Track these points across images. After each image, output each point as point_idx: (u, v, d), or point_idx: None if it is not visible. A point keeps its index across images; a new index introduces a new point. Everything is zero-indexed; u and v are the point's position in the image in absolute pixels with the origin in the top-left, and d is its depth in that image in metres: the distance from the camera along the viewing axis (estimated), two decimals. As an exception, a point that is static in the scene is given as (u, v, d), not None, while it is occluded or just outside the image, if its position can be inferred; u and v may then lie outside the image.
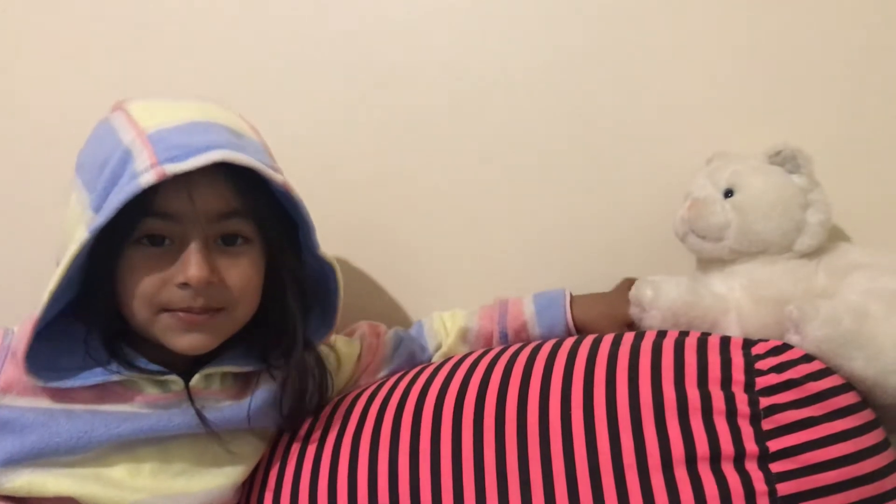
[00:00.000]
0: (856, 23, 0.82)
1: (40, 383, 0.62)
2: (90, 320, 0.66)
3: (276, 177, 0.65)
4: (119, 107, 0.67)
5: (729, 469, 0.57)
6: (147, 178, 0.59)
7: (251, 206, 0.66)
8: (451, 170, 0.90)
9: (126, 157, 0.61)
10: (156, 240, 0.64)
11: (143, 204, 0.61)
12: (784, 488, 0.56)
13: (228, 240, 0.66)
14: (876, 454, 0.59)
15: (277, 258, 0.70)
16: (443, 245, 0.90)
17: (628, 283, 0.78)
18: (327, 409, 0.73)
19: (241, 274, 0.66)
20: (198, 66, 0.95)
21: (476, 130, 0.89)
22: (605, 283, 0.83)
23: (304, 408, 0.71)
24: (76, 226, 0.62)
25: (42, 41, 0.98)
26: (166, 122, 0.63)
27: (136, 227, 0.63)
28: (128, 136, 0.63)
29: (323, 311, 0.74)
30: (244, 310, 0.68)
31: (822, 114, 0.82)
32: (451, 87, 0.90)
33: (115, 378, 0.64)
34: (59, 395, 0.63)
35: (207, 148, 0.61)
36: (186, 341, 0.65)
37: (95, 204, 0.61)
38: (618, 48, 0.87)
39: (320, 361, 0.74)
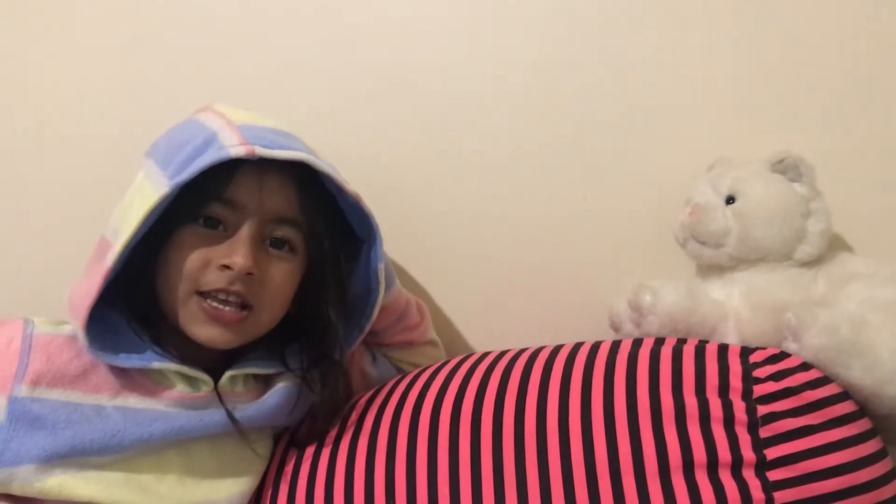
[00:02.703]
0: (859, 31, 0.82)
1: (95, 356, 0.63)
2: (127, 307, 0.67)
3: (349, 187, 0.68)
4: (206, 107, 0.70)
5: (726, 476, 0.57)
6: (237, 151, 0.62)
7: (309, 220, 0.69)
8: (449, 174, 0.90)
9: (211, 138, 0.64)
10: (212, 223, 0.66)
11: (214, 189, 0.64)
12: (781, 496, 0.56)
13: (276, 243, 0.68)
14: (873, 463, 0.59)
15: (325, 273, 0.71)
16: (441, 248, 0.91)
17: None
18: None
19: (280, 279, 0.67)
20: (196, 68, 0.95)
21: (474, 135, 0.90)
22: (605, 288, 0.83)
23: (336, 417, 0.71)
24: (143, 196, 0.63)
25: (43, 43, 0.98)
26: (253, 122, 0.67)
27: (200, 209, 0.65)
28: (215, 124, 0.66)
29: (352, 324, 0.74)
30: (270, 315, 0.68)
31: (823, 122, 0.82)
32: (448, 92, 0.90)
33: (156, 365, 0.64)
34: (88, 386, 0.63)
35: (292, 148, 0.64)
36: (206, 332, 0.65)
37: (172, 173, 0.63)
38: (618, 52, 0.87)
39: (345, 372, 0.74)
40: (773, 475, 0.57)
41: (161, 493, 0.63)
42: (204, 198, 0.64)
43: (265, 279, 0.66)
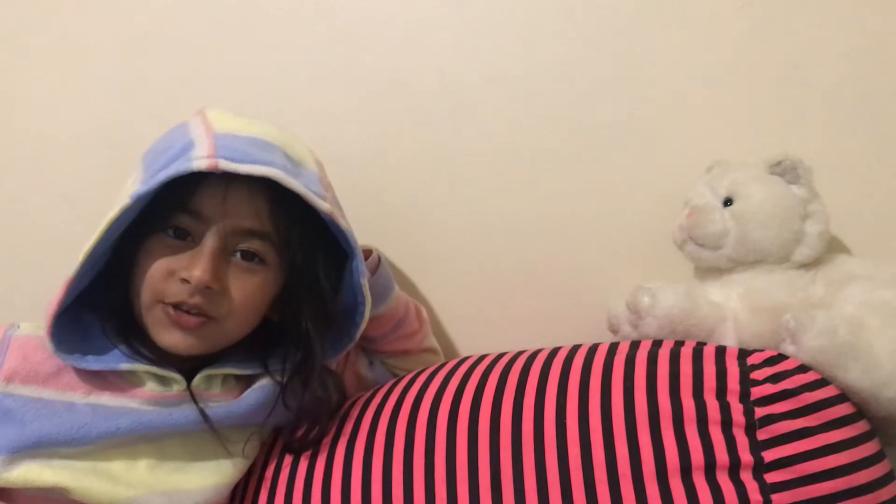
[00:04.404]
0: (857, 33, 0.82)
1: (61, 359, 0.64)
2: (102, 311, 0.68)
3: (322, 204, 0.67)
4: (200, 111, 0.70)
5: (724, 479, 0.57)
6: (199, 164, 0.62)
7: (281, 234, 0.68)
8: (446, 177, 0.90)
9: (188, 146, 0.64)
10: (180, 233, 0.66)
11: (180, 199, 0.65)
12: (779, 499, 0.56)
13: (246, 255, 0.68)
14: (871, 465, 0.59)
15: (299, 285, 0.71)
16: (438, 251, 0.91)
17: None
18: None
19: (245, 292, 0.67)
20: (196, 71, 0.95)
21: (473, 137, 0.90)
22: (603, 290, 0.83)
23: (319, 424, 0.72)
24: (119, 202, 0.64)
25: (43, 46, 0.98)
26: (235, 130, 0.67)
27: (167, 219, 0.65)
28: (196, 132, 0.66)
29: (341, 333, 0.74)
30: (236, 325, 0.68)
31: (821, 124, 0.82)
32: (448, 94, 0.90)
33: (124, 366, 0.65)
34: (61, 384, 0.64)
35: (263, 163, 0.64)
36: (170, 338, 0.66)
37: (144, 179, 0.64)
38: (616, 54, 0.87)
39: (336, 377, 0.75)
40: (771, 477, 0.57)
41: (131, 481, 0.63)
42: (170, 208, 0.65)
43: (227, 291, 0.66)
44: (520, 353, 0.71)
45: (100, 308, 0.68)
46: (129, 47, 0.96)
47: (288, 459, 0.71)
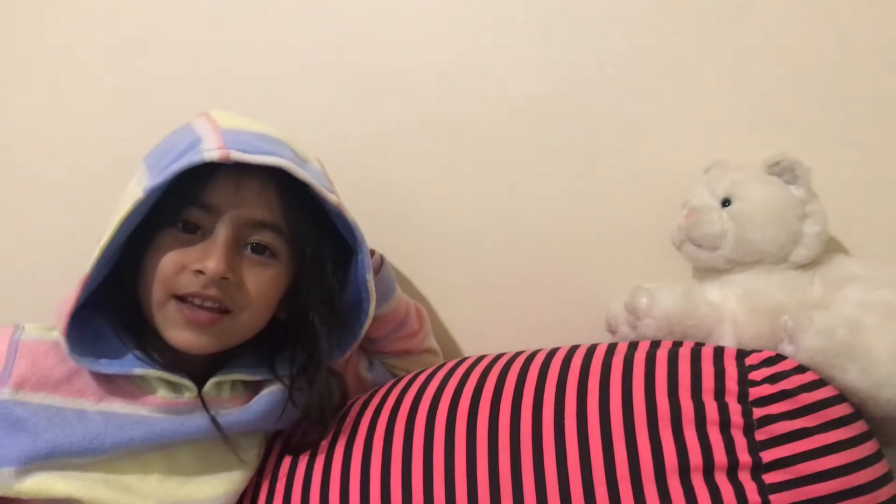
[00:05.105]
0: (856, 33, 0.82)
1: (75, 360, 0.63)
2: (112, 312, 0.67)
3: (331, 197, 0.67)
4: (202, 113, 0.70)
5: (722, 480, 0.58)
6: (212, 155, 0.62)
7: (291, 226, 0.68)
8: (445, 177, 0.90)
9: (195, 143, 0.64)
10: (190, 227, 0.66)
11: (190, 193, 0.64)
12: (777, 499, 0.56)
13: (257, 249, 0.67)
14: (869, 465, 0.59)
15: (308, 279, 0.70)
16: (436, 253, 0.91)
17: None
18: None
19: (258, 284, 0.67)
20: (195, 71, 0.95)
21: (471, 138, 0.90)
22: (602, 291, 0.83)
23: (323, 424, 0.72)
24: (128, 201, 0.63)
25: (43, 46, 0.98)
26: (241, 126, 0.67)
27: (178, 213, 0.65)
28: (202, 129, 0.66)
29: (345, 332, 0.74)
30: (250, 319, 0.68)
31: (819, 125, 0.82)
32: (447, 94, 0.90)
33: (137, 371, 0.65)
34: (71, 391, 0.63)
35: (273, 154, 0.64)
36: (184, 337, 0.65)
37: (153, 178, 0.63)
38: (614, 55, 0.87)
39: (339, 377, 0.75)
40: (770, 478, 0.57)
41: (143, 492, 0.63)
42: (181, 202, 0.65)
43: (242, 283, 0.66)
44: (518, 354, 0.72)
45: (108, 311, 0.68)
46: (130, 47, 0.96)
47: (287, 460, 0.71)
